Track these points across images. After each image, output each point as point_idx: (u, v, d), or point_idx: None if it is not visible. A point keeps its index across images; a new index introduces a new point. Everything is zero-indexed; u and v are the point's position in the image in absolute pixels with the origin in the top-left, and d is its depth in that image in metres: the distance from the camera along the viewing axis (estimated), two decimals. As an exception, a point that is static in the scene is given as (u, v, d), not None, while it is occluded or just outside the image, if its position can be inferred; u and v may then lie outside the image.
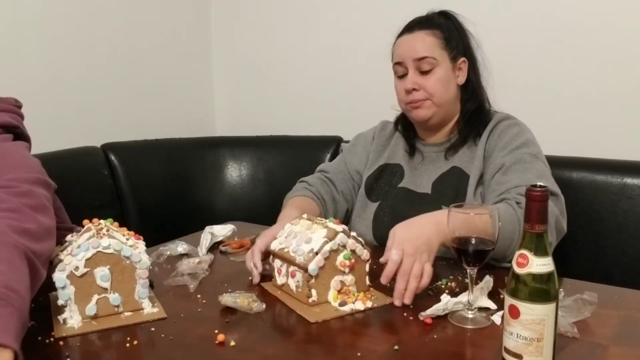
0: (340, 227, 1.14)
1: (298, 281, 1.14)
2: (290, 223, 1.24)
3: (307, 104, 2.37)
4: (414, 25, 1.49)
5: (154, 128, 2.23)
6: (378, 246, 1.49)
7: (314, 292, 1.11)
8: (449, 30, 1.48)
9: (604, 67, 1.77)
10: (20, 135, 1.27)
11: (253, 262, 1.24)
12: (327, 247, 1.11)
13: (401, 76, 1.48)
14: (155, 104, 2.34)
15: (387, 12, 2.12)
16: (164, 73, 2.37)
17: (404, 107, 1.52)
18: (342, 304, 1.10)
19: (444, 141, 1.53)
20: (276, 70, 2.43)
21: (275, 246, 1.21)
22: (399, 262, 1.09)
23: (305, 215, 1.25)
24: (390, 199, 1.53)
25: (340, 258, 1.13)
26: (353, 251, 1.14)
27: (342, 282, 1.13)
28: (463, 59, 1.49)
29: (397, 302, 1.10)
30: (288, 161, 2.20)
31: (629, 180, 1.60)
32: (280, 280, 1.20)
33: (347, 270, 1.13)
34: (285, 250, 1.17)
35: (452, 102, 1.49)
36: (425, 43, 1.45)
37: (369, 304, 1.11)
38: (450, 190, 1.44)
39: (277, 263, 1.20)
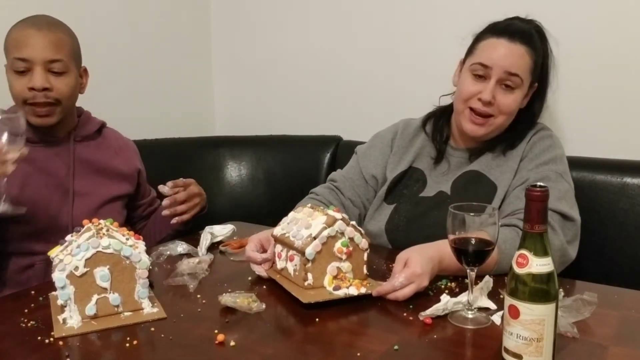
0: (339, 215, 1.17)
1: (296, 265, 1.17)
2: (294, 211, 1.28)
3: (306, 103, 2.37)
4: (516, 34, 1.38)
5: (154, 127, 2.22)
6: (392, 249, 1.45)
7: (309, 276, 1.14)
8: (540, 55, 1.41)
9: (603, 66, 1.76)
10: None
11: (247, 256, 1.27)
12: (325, 233, 1.14)
13: (477, 76, 1.39)
14: (154, 104, 2.33)
15: (387, 12, 2.12)
16: (164, 72, 2.36)
17: (462, 109, 1.43)
18: (336, 288, 1.13)
19: (474, 146, 1.48)
20: (276, 69, 2.43)
21: (277, 232, 1.25)
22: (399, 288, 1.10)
23: (309, 204, 1.29)
24: (408, 205, 1.48)
25: (337, 245, 1.15)
26: (351, 239, 1.16)
27: (338, 268, 1.16)
28: (535, 83, 1.44)
29: (374, 293, 1.12)
30: (288, 161, 2.20)
31: (628, 180, 1.60)
32: (280, 264, 1.24)
33: (344, 257, 1.16)
34: (286, 235, 1.21)
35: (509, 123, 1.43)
36: (523, 61, 1.37)
37: (363, 290, 1.13)
38: (472, 195, 1.35)
39: (278, 248, 1.25)
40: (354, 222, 1.18)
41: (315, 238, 1.13)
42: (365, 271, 1.19)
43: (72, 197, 1.48)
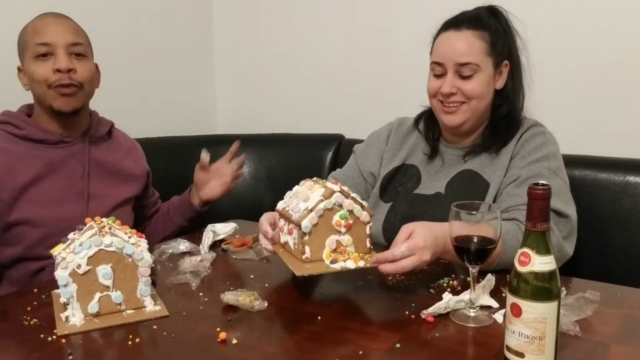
0: (337, 187, 1.15)
1: (295, 238, 1.16)
2: (299, 184, 1.28)
3: (308, 102, 2.37)
4: (462, 22, 1.39)
5: (156, 126, 2.23)
6: (388, 246, 1.47)
7: (307, 249, 1.13)
8: (496, 33, 1.39)
9: (606, 65, 1.76)
10: None
11: (260, 222, 1.28)
12: (322, 206, 1.12)
13: (438, 75, 1.41)
14: (157, 102, 2.34)
15: (388, 10, 2.12)
16: (166, 71, 2.37)
17: (435, 104, 1.44)
18: (334, 261, 1.11)
19: (469, 145, 1.48)
20: (278, 68, 2.43)
21: (280, 205, 1.25)
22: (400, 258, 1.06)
23: (315, 178, 1.27)
24: (403, 203, 1.49)
25: (336, 217, 1.14)
26: (351, 211, 1.15)
27: (338, 241, 1.15)
28: (506, 62, 1.42)
29: (373, 261, 1.09)
30: (290, 159, 2.20)
31: (631, 178, 1.60)
32: (283, 238, 1.24)
33: (343, 229, 1.14)
34: (286, 209, 1.20)
35: (486, 108, 1.43)
36: (472, 47, 1.36)
37: (361, 264, 1.11)
38: (466, 195, 1.36)
39: (281, 222, 1.25)
40: (354, 195, 1.15)
41: (311, 210, 1.12)
42: (368, 244, 1.17)
43: (87, 199, 1.47)
